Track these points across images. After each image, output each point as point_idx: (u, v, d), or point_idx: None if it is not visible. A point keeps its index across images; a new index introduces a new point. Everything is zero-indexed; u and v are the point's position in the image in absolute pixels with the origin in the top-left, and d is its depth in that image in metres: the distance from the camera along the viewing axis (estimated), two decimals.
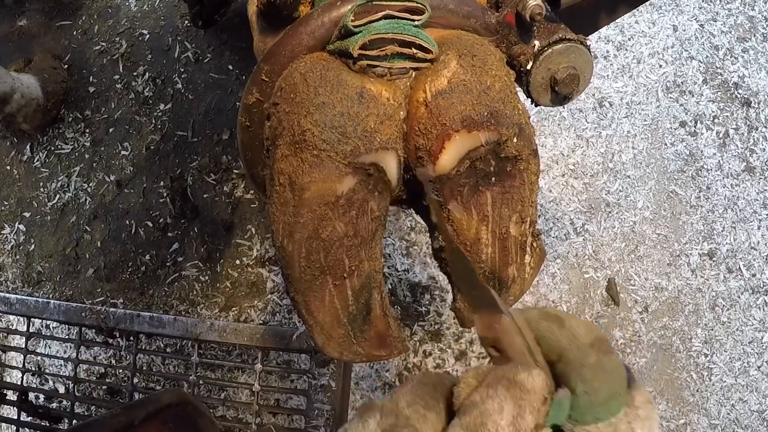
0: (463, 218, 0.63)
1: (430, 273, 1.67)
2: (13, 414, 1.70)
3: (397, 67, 0.59)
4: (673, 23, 1.78)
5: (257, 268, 1.71)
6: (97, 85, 1.90)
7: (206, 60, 1.84)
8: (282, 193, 0.58)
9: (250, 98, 0.64)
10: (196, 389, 1.64)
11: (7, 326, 1.83)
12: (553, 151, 1.72)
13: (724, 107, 1.74)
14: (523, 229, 0.65)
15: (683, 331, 1.64)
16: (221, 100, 1.81)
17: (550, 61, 0.65)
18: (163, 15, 1.90)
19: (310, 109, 0.56)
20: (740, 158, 1.71)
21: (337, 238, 0.59)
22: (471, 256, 0.65)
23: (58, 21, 1.97)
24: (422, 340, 1.65)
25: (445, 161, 0.59)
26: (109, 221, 1.82)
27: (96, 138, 1.87)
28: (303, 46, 0.61)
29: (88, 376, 1.77)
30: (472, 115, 0.58)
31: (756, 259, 1.66)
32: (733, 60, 1.76)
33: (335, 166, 0.56)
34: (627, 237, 1.67)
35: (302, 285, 0.61)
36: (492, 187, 0.62)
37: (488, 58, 0.60)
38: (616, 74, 1.76)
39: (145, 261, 1.77)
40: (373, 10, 0.58)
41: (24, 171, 1.93)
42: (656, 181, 1.70)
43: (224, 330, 1.58)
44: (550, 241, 1.67)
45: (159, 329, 1.64)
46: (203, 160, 1.77)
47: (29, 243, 1.88)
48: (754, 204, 1.69)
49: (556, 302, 1.64)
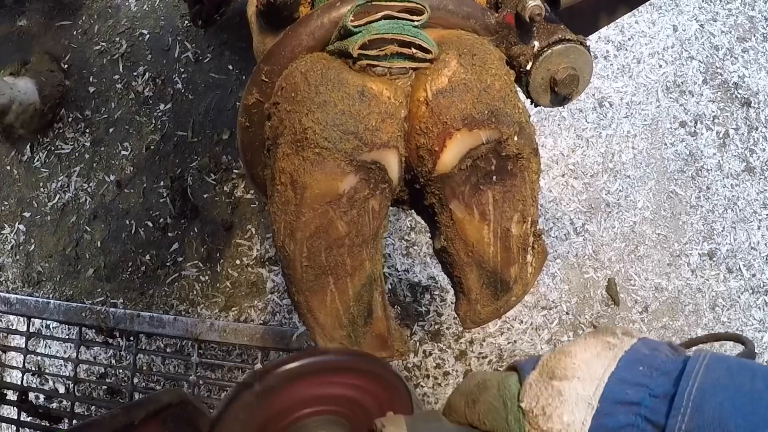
0: (464, 217, 0.63)
1: (430, 273, 1.67)
2: (13, 414, 1.70)
3: (396, 66, 0.59)
4: (673, 23, 1.78)
5: (257, 268, 1.71)
6: (97, 85, 1.90)
7: (206, 60, 1.84)
8: (283, 192, 0.58)
9: (250, 98, 0.64)
10: (196, 389, 1.64)
11: (7, 326, 1.83)
12: (553, 151, 1.72)
13: (724, 107, 1.74)
14: (524, 229, 0.65)
15: (683, 331, 1.64)
16: (221, 100, 1.81)
17: (549, 62, 0.65)
18: (163, 15, 1.90)
19: (312, 108, 0.56)
20: (740, 158, 1.71)
21: (338, 237, 0.59)
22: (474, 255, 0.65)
23: (58, 21, 1.97)
24: (422, 340, 1.65)
25: (446, 160, 0.59)
26: (109, 221, 1.82)
27: (96, 138, 1.87)
28: (303, 47, 0.61)
29: (88, 376, 1.77)
30: (473, 113, 0.58)
31: (756, 259, 1.66)
32: (733, 60, 1.76)
33: (337, 164, 0.56)
34: (627, 237, 1.67)
35: (303, 285, 0.61)
36: (493, 185, 0.62)
37: (488, 58, 0.60)
38: (616, 74, 1.76)
39: (145, 261, 1.77)
40: (373, 10, 0.58)
41: (24, 171, 1.93)
42: (656, 181, 1.70)
43: (224, 330, 1.59)
44: (550, 241, 1.67)
45: (159, 329, 1.64)
46: (203, 160, 1.77)
47: (29, 243, 1.88)
48: (754, 204, 1.69)
49: (556, 302, 1.64)
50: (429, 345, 1.65)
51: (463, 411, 0.53)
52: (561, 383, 0.48)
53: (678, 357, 0.48)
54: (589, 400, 0.46)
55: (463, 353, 1.64)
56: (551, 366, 0.49)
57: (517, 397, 0.50)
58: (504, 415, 0.50)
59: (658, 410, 0.45)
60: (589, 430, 0.45)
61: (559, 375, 0.48)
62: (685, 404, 0.43)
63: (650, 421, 0.45)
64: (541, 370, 0.50)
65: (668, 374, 0.46)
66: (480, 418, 0.52)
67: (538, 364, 0.51)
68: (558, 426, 0.46)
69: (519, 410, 0.49)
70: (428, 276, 1.67)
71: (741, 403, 0.42)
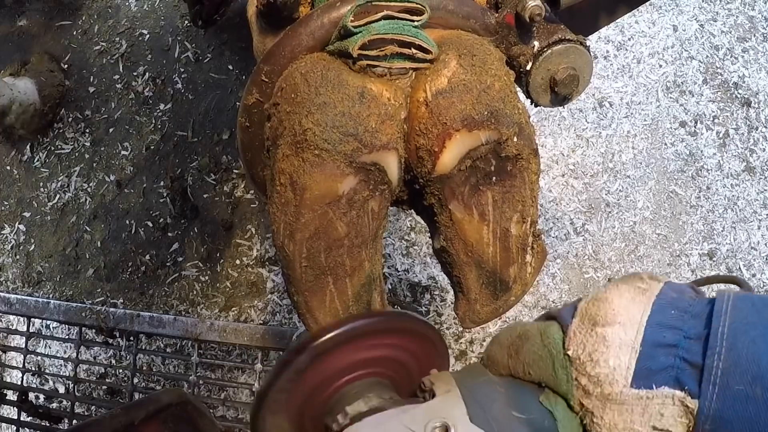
0: (464, 218, 0.63)
1: (430, 273, 1.67)
2: (13, 414, 1.71)
3: (396, 67, 0.59)
4: (673, 23, 1.78)
5: (257, 268, 1.71)
6: (97, 85, 1.90)
7: (206, 60, 1.84)
8: (283, 193, 0.58)
9: (250, 99, 0.64)
10: (196, 389, 1.64)
11: (7, 326, 1.83)
12: (553, 151, 1.72)
13: (724, 107, 1.74)
14: (524, 229, 0.65)
15: None
16: (221, 100, 1.81)
17: (549, 62, 0.65)
18: (163, 15, 1.90)
19: (311, 109, 0.56)
20: (740, 158, 1.71)
21: (338, 238, 0.59)
22: (473, 256, 0.65)
23: (58, 21, 1.97)
24: None
25: (446, 160, 0.59)
26: (109, 221, 1.82)
27: (96, 138, 1.87)
28: (303, 47, 0.61)
29: (88, 376, 1.77)
30: (473, 114, 0.58)
31: (756, 259, 1.66)
32: (733, 60, 1.76)
33: (336, 165, 0.56)
34: (627, 237, 1.67)
35: (303, 285, 0.61)
36: (493, 186, 0.62)
37: (488, 58, 0.60)
38: (616, 74, 1.76)
39: (145, 261, 1.77)
40: (373, 10, 0.58)
41: (24, 171, 1.93)
42: (656, 181, 1.70)
43: (224, 330, 1.59)
44: (550, 241, 1.67)
45: (159, 329, 1.64)
46: (203, 160, 1.77)
47: (29, 243, 1.88)
48: (754, 204, 1.69)
49: (556, 302, 1.64)
50: None
51: (506, 363, 0.54)
52: (604, 329, 0.49)
53: (702, 298, 0.50)
54: (632, 344, 0.47)
55: (463, 353, 1.64)
56: (592, 313, 0.50)
57: (562, 345, 0.51)
58: (550, 363, 0.51)
59: (694, 351, 0.46)
60: (634, 372, 0.47)
61: (601, 321, 0.49)
62: (720, 344, 0.45)
63: (688, 362, 0.46)
64: (582, 318, 0.51)
65: (698, 316, 0.48)
66: (525, 368, 0.52)
67: (577, 312, 0.52)
68: (606, 370, 0.48)
69: (566, 358, 0.50)
70: (428, 276, 1.67)
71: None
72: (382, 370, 0.54)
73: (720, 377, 0.44)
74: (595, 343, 0.49)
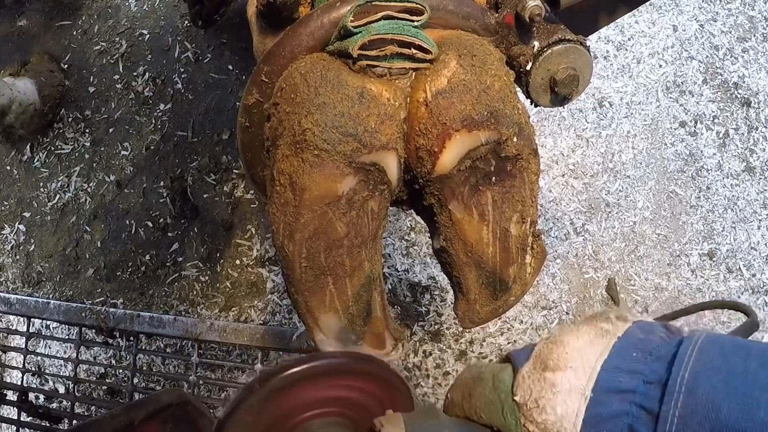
0: (464, 218, 0.63)
1: (430, 273, 1.67)
2: (13, 414, 1.70)
3: (396, 67, 0.59)
4: (673, 23, 1.78)
5: (257, 268, 1.71)
6: (97, 85, 1.90)
7: (206, 60, 1.84)
8: (283, 193, 0.58)
9: (250, 99, 0.64)
10: (196, 389, 1.64)
11: (7, 326, 1.83)
12: (553, 151, 1.72)
13: (724, 107, 1.73)
14: (523, 229, 0.65)
15: None
16: (221, 100, 1.81)
17: (549, 62, 0.65)
18: (163, 15, 1.90)
19: (311, 109, 0.56)
20: (740, 158, 1.71)
21: (337, 238, 0.59)
22: (473, 256, 0.65)
23: (58, 21, 1.97)
24: (422, 340, 1.65)
25: (445, 160, 0.59)
26: (109, 221, 1.82)
27: (96, 138, 1.87)
28: (303, 47, 0.61)
29: (88, 377, 1.77)
30: (472, 114, 0.58)
31: (756, 259, 1.66)
32: (733, 60, 1.76)
33: (336, 166, 0.56)
34: (627, 237, 1.67)
35: (303, 285, 0.61)
36: (492, 186, 0.62)
37: (488, 58, 0.60)
38: (616, 74, 1.76)
39: (145, 261, 1.77)
40: (373, 10, 0.58)
41: (24, 171, 1.93)
42: (656, 181, 1.70)
43: (224, 330, 1.59)
44: (550, 241, 1.67)
45: (159, 329, 1.64)
46: (203, 160, 1.77)
47: (29, 243, 1.88)
48: (754, 204, 1.68)
49: (556, 302, 1.64)
50: (429, 345, 1.65)
51: (461, 404, 0.53)
52: (554, 374, 0.47)
53: (673, 339, 0.47)
54: (583, 391, 0.45)
55: (463, 353, 1.64)
56: (544, 356, 0.49)
57: (512, 389, 0.50)
58: (499, 408, 0.50)
59: (652, 396, 0.44)
60: (584, 420, 0.45)
61: (551, 366, 0.48)
62: (678, 389, 0.42)
63: (644, 408, 0.44)
64: (534, 362, 0.49)
65: (662, 359, 0.45)
66: (477, 411, 0.52)
67: (532, 355, 0.50)
68: (552, 418, 0.46)
69: (514, 403, 0.49)
70: (428, 276, 1.67)
71: (734, 385, 0.41)
72: (341, 410, 0.54)
73: (676, 426, 0.41)
74: (542, 389, 0.47)
